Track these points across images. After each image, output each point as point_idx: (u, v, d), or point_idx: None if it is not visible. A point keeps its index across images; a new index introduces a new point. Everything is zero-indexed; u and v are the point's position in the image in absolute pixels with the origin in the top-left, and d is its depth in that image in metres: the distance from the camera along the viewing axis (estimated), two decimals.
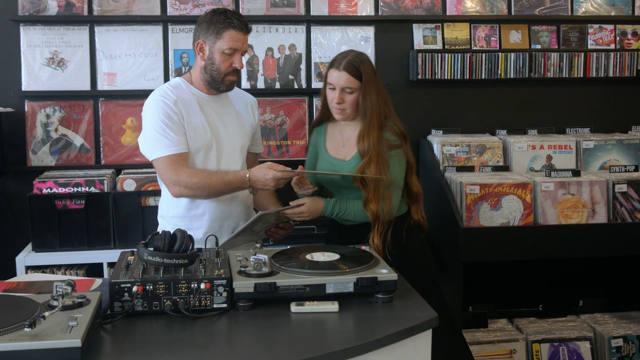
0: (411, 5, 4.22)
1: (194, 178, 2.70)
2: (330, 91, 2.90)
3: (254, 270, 2.19)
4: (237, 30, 2.75)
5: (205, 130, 2.82)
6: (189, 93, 2.85)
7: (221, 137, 2.86)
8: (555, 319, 4.09)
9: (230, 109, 2.94)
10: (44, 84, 4.01)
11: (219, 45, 2.76)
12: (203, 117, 2.83)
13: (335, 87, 2.87)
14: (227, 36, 2.75)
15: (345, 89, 2.86)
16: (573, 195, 3.56)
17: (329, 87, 2.90)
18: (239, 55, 2.80)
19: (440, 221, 3.78)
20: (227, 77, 2.81)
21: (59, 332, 1.74)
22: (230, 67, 2.79)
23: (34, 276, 2.93)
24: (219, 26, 2.74)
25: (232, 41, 2.75)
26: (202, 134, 2.80)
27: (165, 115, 2.74)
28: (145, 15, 4.04)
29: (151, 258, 2.16)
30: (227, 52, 2.76)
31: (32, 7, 3.96)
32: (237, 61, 2.79)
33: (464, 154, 3.95)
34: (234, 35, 2.75)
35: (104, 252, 3.71)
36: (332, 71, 2.88)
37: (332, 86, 2.88)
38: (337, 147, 3.01)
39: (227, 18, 2.75)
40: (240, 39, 2.77)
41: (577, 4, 4.34)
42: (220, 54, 2.77)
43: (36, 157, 4.01)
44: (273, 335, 2.01)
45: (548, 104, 4.38)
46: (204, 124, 2.82)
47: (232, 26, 2.74)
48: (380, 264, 2.32)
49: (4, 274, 3.28)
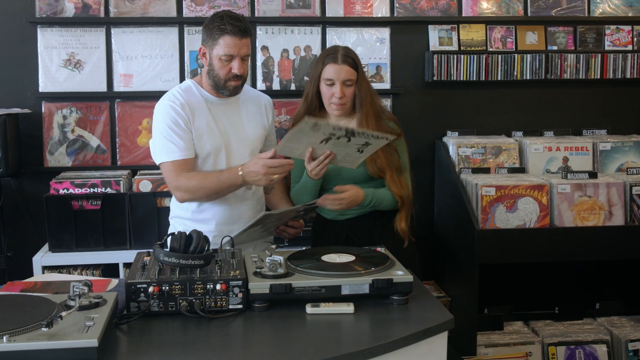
0: (427, 6, 4.21)
1: (192, 181, 2.73)
2: (328, 87, 2.91)
3: (269, 271, 2.20)
4: (231, 36, 2.70)
5: (214, 133, 2.82)
6: (198, 96, 2.85)
7: (231, 140, 2.86)
8: (572, 322, 4.06)
9: (240, 111, 2.94)
10: (61, 86, 4.03)
11: (216, 51, 2.74)
12: (212, 120, 2.83)
13: (336, 82, 2.88)
14: (222, 42, 2.72)
15: (346, 82, 2.89)
16: (590, 198, 3.54)
17: (327, 84, 2.90)
18: (238, 61, 2.74)
19: (456, 223, 3.77)
20: (228, 82, 2.78)
21: (76, 332, 1.75)
22: (230, 73, 2.76)
23: (51, 276, 2.95)
24: (215, 32, 2.72)
25: (227, 47, 2.71)
26: (210, 137, 2.81)
27: (172, 120, 2.76)
28: (161, 16, 4.05)
29: (167, 259, 2.17)
30: (224, 58, 2.73)
31: (50, 9, 3.98)
32: (235, 67, 2.74)
33: (480, 156, 3.94)
34: (228, 41, 2.71)
35: (119, 253, 3.73)
36: (329, 66, 2.88)
37: (331, 81, 2.89)
38: None
39: (221, 24, 2.71)
40: (235, 45, 2.72)
41: (594, 4, 4.31)
42: (218, 60, 2.74)
43: (53, 158, 4.04)
44: (288, 337, 2.02)
45: (564, 105, 4.35)
46: (212, 128, 2.82)
47: (226, 32, 2.70)
48: (396, 266, 2.31)
49: (21, 274, 3.31)
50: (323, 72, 2.90)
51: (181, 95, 2.82)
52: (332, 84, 2.89)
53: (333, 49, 2.94)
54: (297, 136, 2.61)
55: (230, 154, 2.86)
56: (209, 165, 2.82)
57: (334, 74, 2.88)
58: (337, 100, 2.89)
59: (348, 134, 2.59)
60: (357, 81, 2.92)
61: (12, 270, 3.85)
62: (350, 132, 2.58)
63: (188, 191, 2.74)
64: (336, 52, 2.90)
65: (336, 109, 2.93)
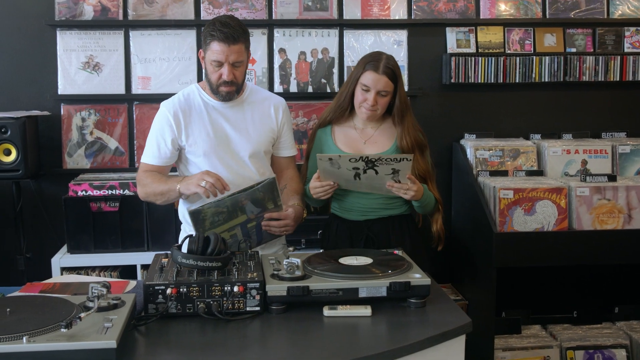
0: (444, 8, 4.20)
1: (145, 179, 2.84)
2: (362, 92, 2.92)
3: (287, 273, 2.20)
4: (219, 42, 2.69)
5: (209, 136, 2.83)
6: (199, 101, 2.88)
7: (229, 143, 2.86)
8: (590, 326, 4.03)
9: (245, 114, 2.91)
10: (80, 88, 4.06)
11: (208, 57, 2.76)
12: (209, 123, 2.84)
13: (371, 89, 2.89)
14: (212, 48, 2.72)
15: (381, 92, 2.91)
16: (609, 201, 3.51)
17: (363, 88, 2.91)
18: (227, 67, 2.73)
19: (473, 226, 3.75)
20: (220, 88, 2.78)
21: (94, 333, 1.76)
22: (220, 78, 2.75)
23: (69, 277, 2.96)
24: (207, 38, 2.74)
25: (215, 53, 2.71)
26: (204, 139, 2.82)
27: (160, 129, 2.85)
28: (179, 19, 4.07)
29: (185, 261, 2.18)
30: (213, 64, 2.74)
31: (69, 12, 4.01)
32: (224, 73, 2.73)
33: (498, 159, 3.92)
34: (216, 47, 2.70)
35: (137, 254, 3.75)
36: (369, 73, 2.89)
37: (367, 88, 2.90)
38: (356, 146, 3.01)
39: (212, 29, 2.71)
40: (223, 51, 2.70)
41: (613, 6, 4.28)
42: (210, 65, 2.76)
43: (71, 159, 4.06)
44: (306, 339, 2.02)
45: (583, 108, 4.33)
46: (208, 130, 2.83)
47: (214, 38, 2.70)
48: (414, 269, 2.31)
49: (40, 275, 3.33)
50: (362, 77, 2.92)
51: (180, 102, 2.87)
52: (368, 91, 2.91)
53: (376, 56, 2.94)
54: (325, 174, 2.75)
55: (225, 157, 2.85)
56: (203, 166, 2.83)
57: (371, 82, 2.90)
58: (369, 107, 2.93)
59: (368, 165, 2.69)
60: (397, 92, 2.96)
61: (31, 271, 3.88)
62: (370, 162, 2.68)
63: (141, 186, 2.86)
64: (378, 61, 2.91)
65: (365, 113, 2.96)
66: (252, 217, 2.71)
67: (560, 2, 4.26)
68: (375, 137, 3.03)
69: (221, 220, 2.66)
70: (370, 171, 2.71)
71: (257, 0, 4.11)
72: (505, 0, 4.24)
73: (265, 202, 2.71)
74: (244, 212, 2.69)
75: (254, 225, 2.74)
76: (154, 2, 4.06)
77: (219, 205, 2.63)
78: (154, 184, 2.80)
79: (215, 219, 2.65)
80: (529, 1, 4.25)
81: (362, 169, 2.71)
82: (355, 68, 2.99)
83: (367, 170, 2.71)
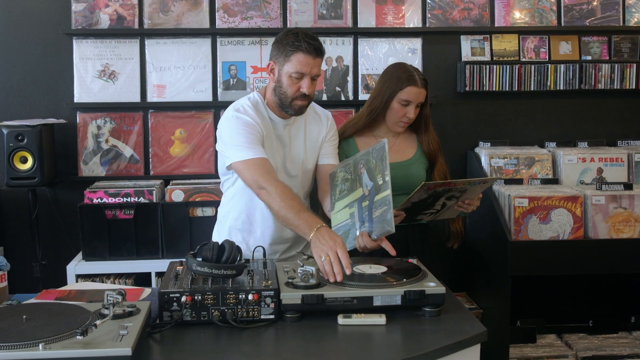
0: (459, 16, 4.20)
1: (282, 192, 2.51)
2: (401, 107, 2.95)
3: (301, 281, 2.20)
4: (305, 54, 2.61)
5: (274, 154, 2.74)
6: (265, 115, 2.76)
7: (286, 162, 2.79)
8: (606, 335, 4.00)
9: (301, 132, 2.84)
10: (95, 96, 4.09)
11: (286, 68, 2.64)
12: (275, 140, 2.76)
13: (412, 103, 2.94)
14: (295, 59, 2.62)
15: (418, 104, 2.97)
16: (625, 209, 3.49)
17: (402, 104, 2.94)
18: (308, 80, 2.64)
19: (488, 234, 3.74)
20: (295, 101, 2.68)
21: (110, 341, 1.77)
22: (298, 91, 2.66)
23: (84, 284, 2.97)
24: (288, 48, 2.63)
25: (299, 65, 2.62)
26: (270, 157, 2.69)
27: (248, 125, 2.66)
28: (194, 28, 4.10)
29: (200, 268, 2.18)
30: (294, 76, 2.63)
31: (85, 20, 4.04)
32: (305, 86, 2.64)
33: (513, 167, 3.90)
34: (301, 58, 2.62)
35: (152, 262, 3.77)
36: (411, 89, 2.92)
37: (407, 102, 2.93)
38: None
39: (296, 40, 2.62)
40: (308, 63, 2.62)
41: (629, 14, 4.26)
42: (288, 77, 2.64)
43: (87, 167, 4.09)
44: (320, 347, 2.01)
45: (599, 116, 4.31)
46: (273, 148, 2.74)
47: (300, 49, 2.61)
48: (428, 277, 2.30)
49: (56, 282, 3.35)
50: (401, 93, 2.93)
51: (251, 109, 2.72)
52: (407, 105, 2.94)
53: (409, 70, 2.96)
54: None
55: (287, 176, 2.79)
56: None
57: (413, 97, 2.93)
58: (408, 120, 2.98)
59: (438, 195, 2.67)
60: (426, 101, 3.02)
61: (47, 278, 3.90)
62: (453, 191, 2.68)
63: (270, 196, 2.52)
64: (413, 74, 2.94)
65: (403, 126, 3.02)
66: (366, 192, 2.59)
67: (576, 9, 4.25)
68: (398, 145, 3.07)
69: (346, 190, 2.64)
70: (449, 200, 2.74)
71: (272, 9, 4.12)
72: (520, 8, 4.23)
73: (375, 175, 2.56)
74: (361, 184, 2.60)
75: (367, 206, 2.56)
76: (170, 10, 4.09)
77: (346, 169, 2.66)
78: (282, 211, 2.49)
79: (343, 188, 2.66)
80: (543, 9, 4.24)
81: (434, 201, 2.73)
82: (388, 83, 2.96)
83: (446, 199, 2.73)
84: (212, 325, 2.11)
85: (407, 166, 3.01)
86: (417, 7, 4.19)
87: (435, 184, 2.60)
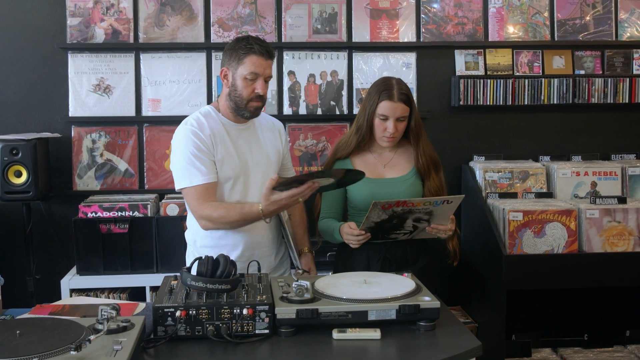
0: (453, 31, 4.22)
1: (217, 211, 2.71)
2: (381, 122, 2.94)
3: (296, 296, 2.19)
4: (257, 55, 2.74)
5: (234, 160, 2.81)
6: (218, 122, 2.84)
7: (249, 167, 2.85)
8: (601, 349, 4.00)
9: (259, 135, 2.93)
10: (90, 110, 4.09)
11: (240, 71, 2.75)
12: (232, 146, 2.82)
13: (389, 118, 2.92)
14: (248, 61, 2.74)
15: (400, 118, 2.93)
16: (619, 223, 3.50)
17: (380, 118, 2.93)
18: (262, 81, 2.77)
19: (483, 248, 3.74)
20: (250, 103, 2.78)
21: (104, 356, 1.76)
22: (253, 92, 2.76)
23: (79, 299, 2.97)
24: (241, 52, 2.75)
25: (253, 66, 2.74)
26: (230, 164, 2.79)
27: (194, 145, 2.75)
28: (189, 42, 4.11)
29: (194, 283, 2.17)
30: (248, 77, 2.74)
31: (80, 35, 4.05)
32: (259, 86, 2.76)
33: (507, 180, 3.92)
34: (254, 60, 2.74)
35: (146, 276, 3.76)
36: (385, 103, 2.90)
37: (385, 117, 2.92)
38: (375, 170, 3.02)
39: (248, 44, 2.75)
40: (261, 64, 2.75)
41: (622, 29, 4.29)
42: (242, 80, 2.75)
43: (82, 181, 4.08)
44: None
45: (592, 129, 4.33)
46: (232, 154, 2.81)
47: (252, 51, 2.73)
48: (423, 292, 2.30)
49: (50, 297, 3.33)
50: (378, 107, 2.93)
51: (203, 120, 2.82)
52: (386, 119, 2.93)
53: (388, 84, 2.95)
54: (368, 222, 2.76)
55: (248, 180, 2.84)
56: (226, 190, 2.80)
57: (389, 111, 2.91)
58: (390, 135, 2.95)
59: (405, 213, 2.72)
60: (411, 115, 2.99)
61: (41, 292, 3.88)
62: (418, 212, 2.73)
63: (212, 221, 2.73)
64: (391, 89, 2.92)
65: (387, 142, 2.99)
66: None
67: (569, 24, 4.27)
68: (394, 161, 3.06)
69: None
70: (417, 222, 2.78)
71: (266, 23, 4.14)
72: (513, 23, 4.26)
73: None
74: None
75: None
76: (165, 25, 4.10)
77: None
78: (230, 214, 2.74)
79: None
80: (537, 24, 4.27)
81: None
82: (368, 100, 2.98)
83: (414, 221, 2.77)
84: (206, 340, 2.11)
85: (403, 182, 3.00)
86: (411, 22, 4.22)
87: (389, 202, 2.66)
